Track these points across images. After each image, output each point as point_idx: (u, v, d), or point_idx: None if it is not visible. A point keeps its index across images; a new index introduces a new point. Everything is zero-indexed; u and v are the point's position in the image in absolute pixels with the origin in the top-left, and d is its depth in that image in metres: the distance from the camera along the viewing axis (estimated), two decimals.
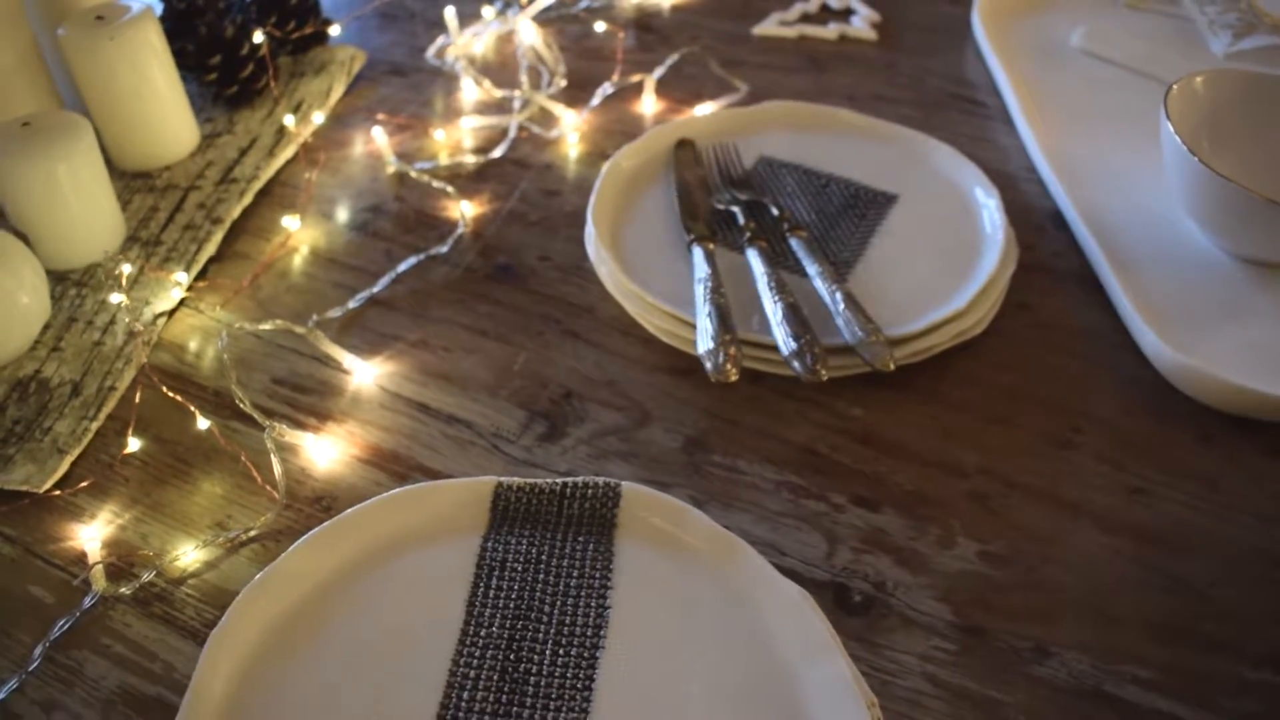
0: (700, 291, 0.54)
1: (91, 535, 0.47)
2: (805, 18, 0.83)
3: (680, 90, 0.76)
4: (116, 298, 0.57)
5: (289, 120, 0.69)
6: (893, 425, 0.53)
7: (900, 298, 0.56)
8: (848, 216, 0.62)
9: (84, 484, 0.50)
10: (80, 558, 0.47)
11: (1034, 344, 0.57)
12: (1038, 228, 0.64)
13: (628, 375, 0.55)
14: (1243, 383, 0.51)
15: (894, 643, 0.44)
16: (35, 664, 0.43)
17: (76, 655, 0.44)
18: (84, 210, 0.59)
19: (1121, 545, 0.48)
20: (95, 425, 0.52)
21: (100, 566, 0.46)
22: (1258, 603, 0.46)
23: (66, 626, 0.44)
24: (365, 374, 0.55)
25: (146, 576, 0.46)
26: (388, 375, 0.55)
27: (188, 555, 0.47)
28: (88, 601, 0.45)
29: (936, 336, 0.54)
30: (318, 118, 0.70)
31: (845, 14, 0.84)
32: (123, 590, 0.46)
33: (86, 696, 0.42)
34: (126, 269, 0.59)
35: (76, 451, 0.51)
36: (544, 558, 0.44)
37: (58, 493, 0.49)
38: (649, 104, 0.73)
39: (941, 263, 0.58)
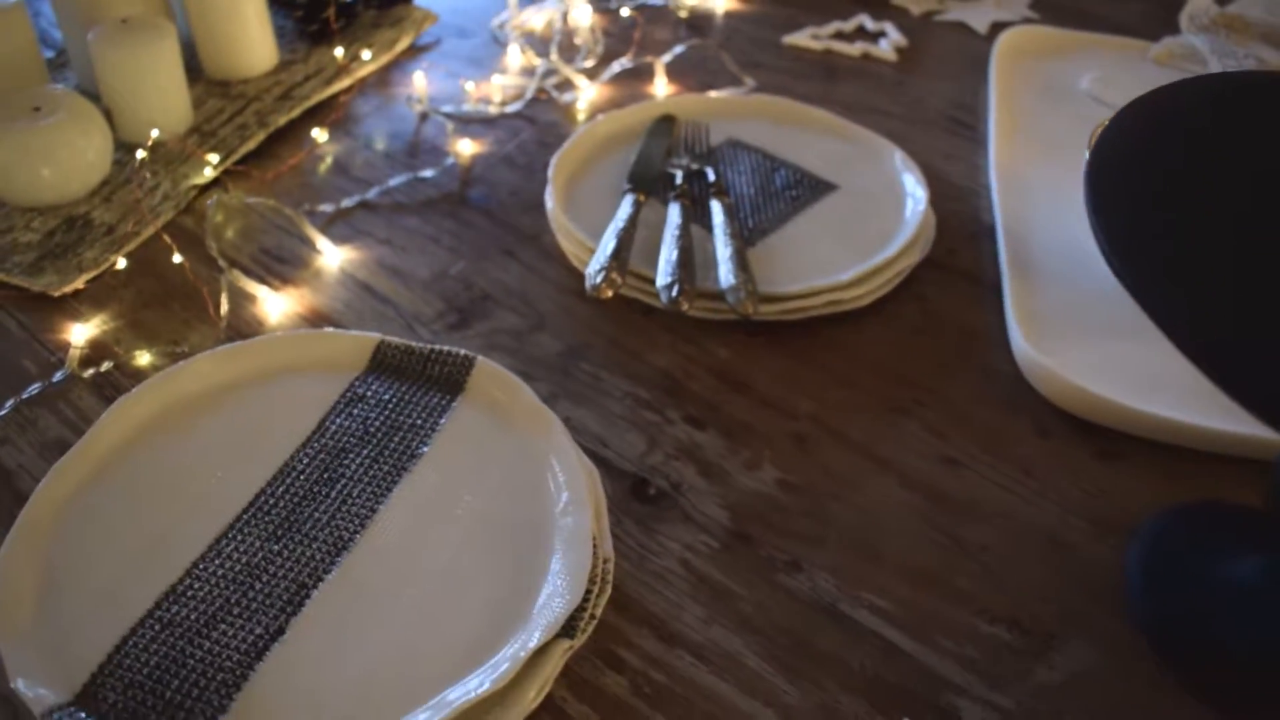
0: (612, 228, 0.61)
1: (80, 332, 0.59)
2: (839, 35, 0.89)
3: (693, 79, 0.84)
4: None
5: (339, 52, 0.81)
6: (749, 368, 0.58)
7: (795, 266, 0.62)
8: (783, 196, 0.68)
9: (86, 292, 0.62)
10: (65, 346, 0.59)
11: (914, 330, 0.61)
12: (969, 237, 0.68)
13: (540, 292, 0.63)
14: (1084, 384, 0.54)
15: (666, 530, 0.50)
16: (4, 412, 0.55)
17: (36, 411, 0.55)
18: (158, 98, 0.72)
19: (914, 501, 0.52)
20: (114, 258, 0.64)
21: (76, 353, 0.58)
22: (1020, 573, 0.49)
23: (36, 390, 0.56)
24: (333, 257, 0.65)
25: (105, 366, 0.57)
26: (350, 260, 0.65)
27: (142, 358, 0.58)
28: (58, 376, 0.57)
29: (811, 301, 0.59)
30: (365, 54, 0.82)
31: (877, 36, 0.89)
32: (86, 373, 0.57)
33: (32, 441, 0.54)
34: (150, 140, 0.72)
35: (92, 274, 0.63)
36: (394, 402, 0.52)
37: (67, 298, 0.62)
38: (660, 86, 0.81)
39: (849, 244, 0.63)
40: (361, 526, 0.47)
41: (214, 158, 0.71)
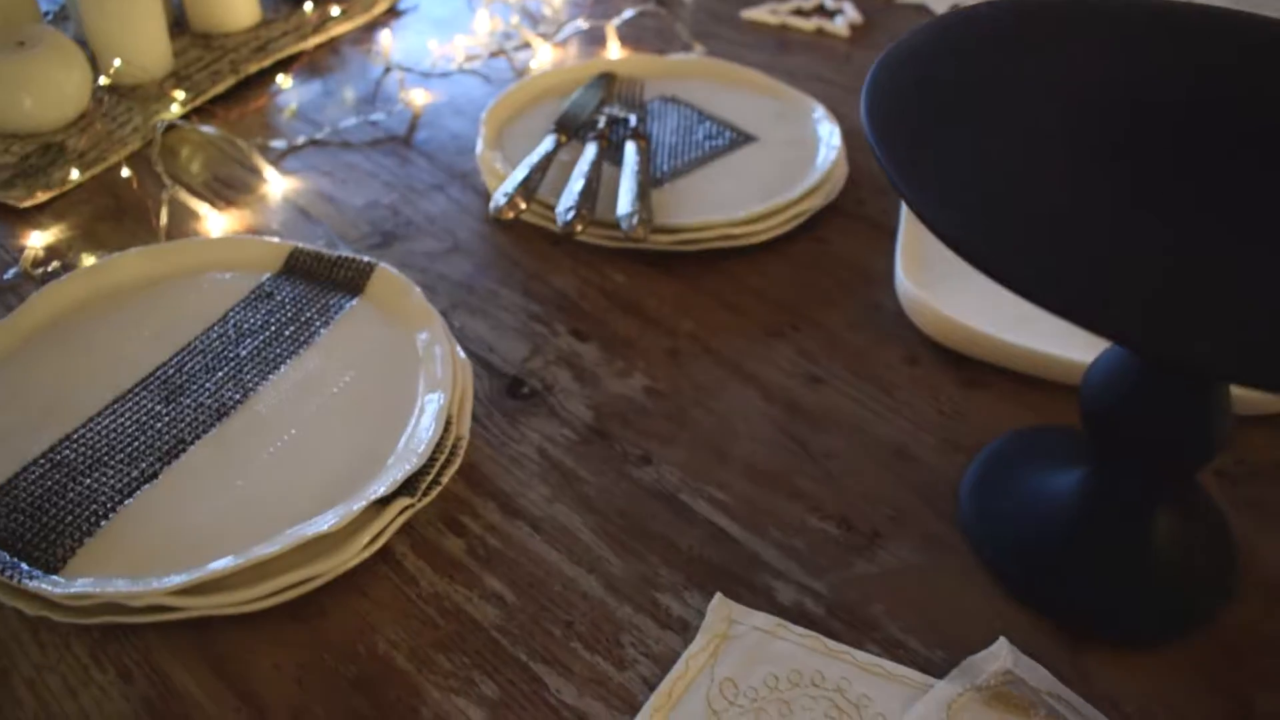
0: (526, 161, 0.65)
1: (37, 239, 0.65)
2: (798, 12, 0.93)
3: (647, 45, 0.88)
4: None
5: (308, 7, 0.87)
6: (641, 292, 0.62)
7: (699, 204, 0.65)
8: (703, 145, 0.71)
9: (50, 208, 0.68)
10: (23, 249, 0.64)
11: (808, 267, 0.64)
12: (881, 190, 0.71)
13: (461, 222, 0.67)
14: (953, 315, 0.57)
15: (530, 423, 0.53)
16: None
17: None
18: (137, 42, 0.78)
19: (772, 412, 0.55)
20: (80, 178, 0.70)
21: (30, 254, 0.63)
22: (861, 479, 0.51)
23: None
24: (278, 185, 0.70)
25: (54, 266, 0.63)
26: (292, 188, 0.70)
27: (88, 261, 0.63)
28: (9, 273, 0.62)
29: (705, 234, 0.62)
30: (335, 11, 0.88)
31: (834, 14, 0.92)
32: (36, 272, 0.63)
33: None
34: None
35: (56, 192, 0.69)
36: (297, 299, 0.57)
37: (31, 211, 0.68)
38: (614, 50, 0.86)
39: (755, 188, 0.67)
40: (244, 397, 0.51)
41: (181, 94, 0.77)
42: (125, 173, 0.69)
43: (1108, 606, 0.46)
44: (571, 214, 0.60)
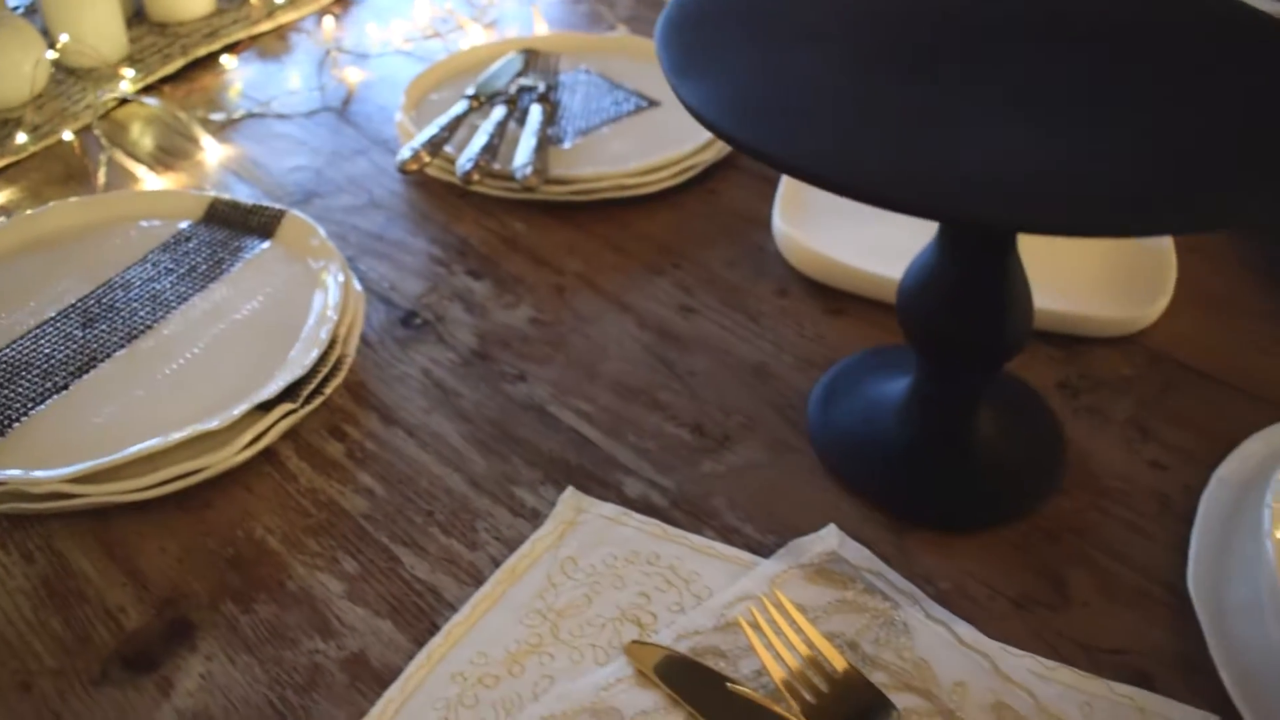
0: (436, 121, 0.70)
1: None
2: None
3: (577, 28, 0.93)
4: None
5: None
6: (537, 238, 0.66)
7: (599, 159, 0.70)
8: (608, 110, 0.76)
9: (4, 177, 0.74)
10: None
11: (696, 215, 0.69)
12: None
13: (379, 180, 0.72)
14: (820, 249, 0.61)
15: (419, 348, 0.58)
16: None
17: None
18: (94, 29, 0.84)
19: (644, 338, 0.59)
20: (33, 147, 0.76)
21: None
22: (719, 392, 0.56)
23: None
24: (214, 153, 0.76)
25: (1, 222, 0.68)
26: (226, 155, 0.76)
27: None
28: None
29: (598, 184, 0.67)
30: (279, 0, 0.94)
31: None
32: None
33: None
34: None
35: (10, 159, 0.74)
36: (213, 243, 0.62)
37: None
38: (543, 29, 0.91)
39: (650, 145, 0.71)
40: (154, 323, 0.56)
41: (130, 72, 0.82)
42: (68, 135, 0.75)
43: (929, 495, 0.50)
44: (470, 165, 0.65)
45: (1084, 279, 0.63)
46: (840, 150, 0.38)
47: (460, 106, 0.72)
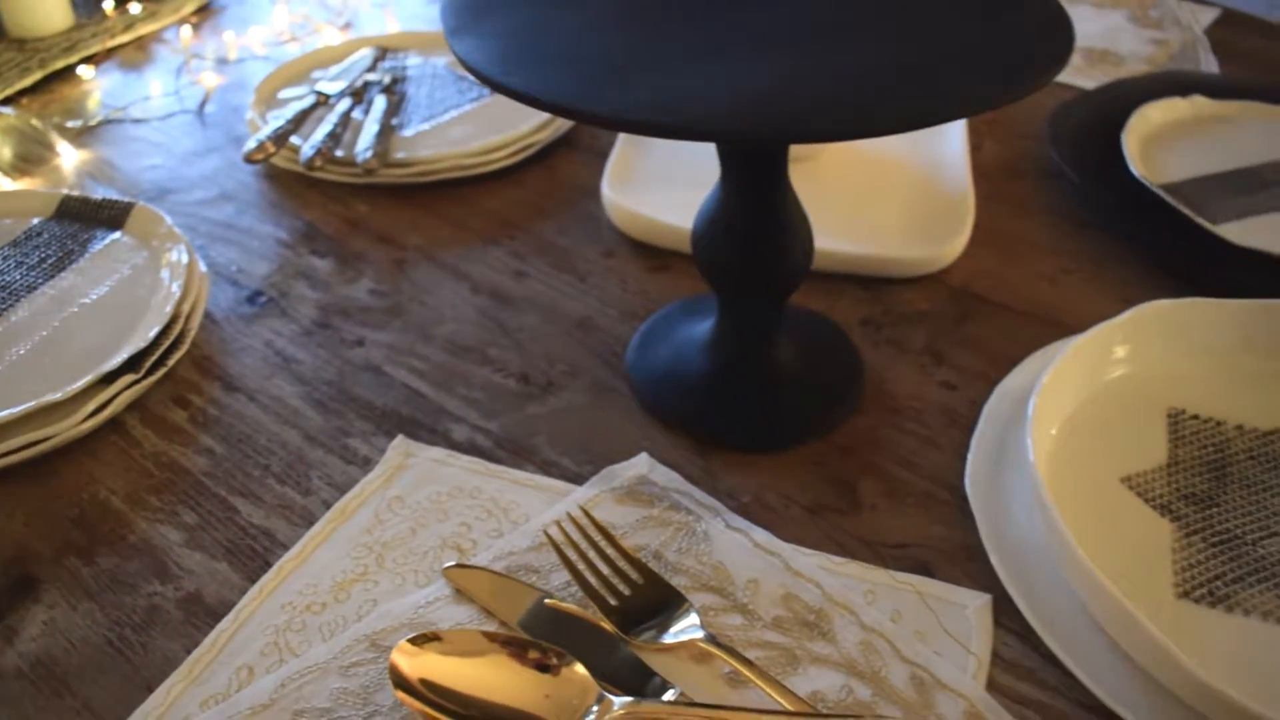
0: (283, 115, 0.74)
1: None
2: None
3: (432, 27, 0.97)
4: None
5: (108, 5, 0.95)
6: (381, 218, 0.70)
7: (442, 143, 0.74)
8: (454, 99, 0.80)
9: None
10: None
11: (534, 191, 0.73)
12: None
13: (231, 175, 0.76)
14: (642, 210, 0.66)
15: (263, 323, 0.61)
16: None
17: None
18: None
19: (478, 301, 0.63)
20: None
21: None
22: (545, 345, 0.60)
23: None
24: (69, 158, 0.78)
25: None
26: (81, 160, 0.78)
27: None
28: None
29: (437, 165, 0.71)
30: (135, 9, 0.96)
31: None
32: None
33: None
34: None
35: None
36: (64, 235, 0.65)
37: None
38: (395, 29, 0.95)
39: (485, 127, 0.76)
40: (2, 310, 0.59)
41: None
42: None
43: (732, 421, 0.55)
44: (313, 152, 0.69)
45: (888, 224, 0.69)
46: (597, 89, 0.42)
47: (306, 102, 0.76)
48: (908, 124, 0.40)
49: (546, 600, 0.45)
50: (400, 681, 0.40)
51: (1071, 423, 0.54)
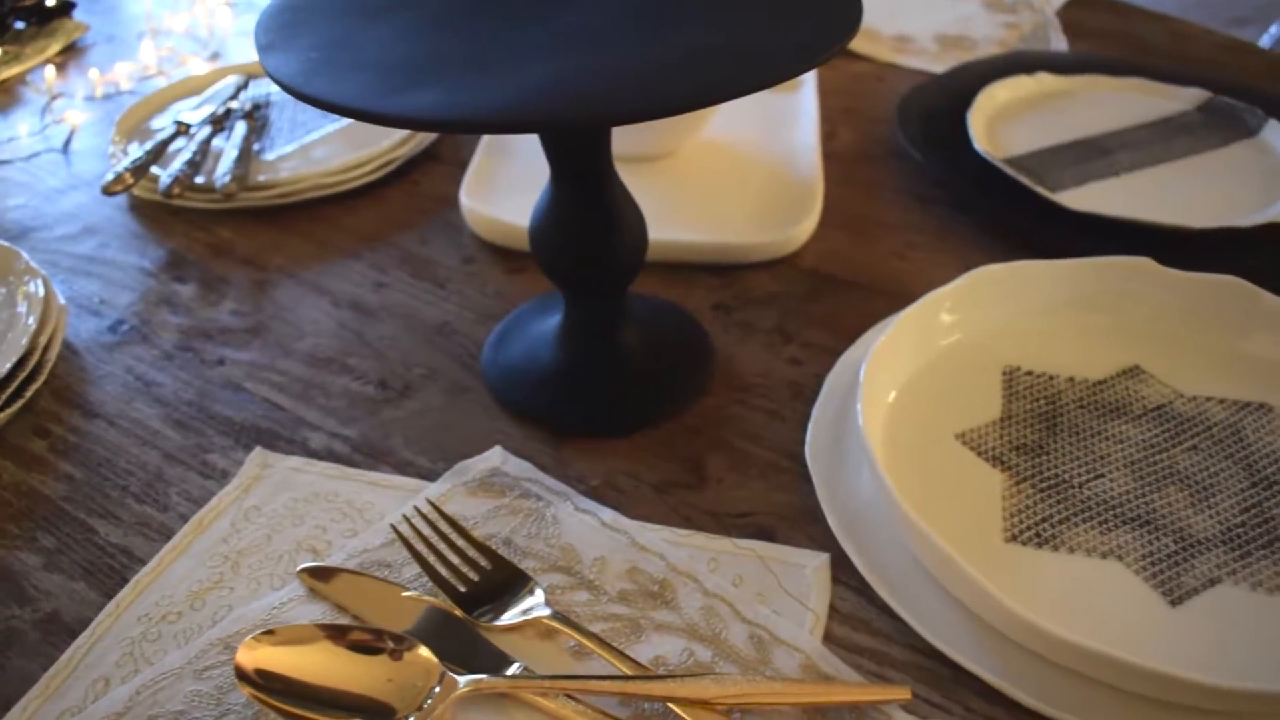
0: (143, 147, 0.75)
1: None
2: None
3: None
4: None
5: None
6: (244, 242, 0.72)
7: (295, 166, 0.75)
8: (315, 124, 0.82)
9: None
10: None
11: (398, 206, 0.75)
12: (475, 139, 0.82)
13: (95, 210, 0.76)
14: (497, 215, 0.68)
15: (124, 350, 0.62)
16: None
17: None
18: None
19: (339, 314, 0.65)
20: None
21: None
22: (403, 351, 0.62)
23: None
24: None
25: None
26: None
27: None
28: None
29: (297, 185, 0.73)
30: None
31: None
32: None
33: None
34: None
35: None
36: None
37: None
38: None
39: (346, 147, 0.77)
40: None
41: None
42: None
43: (581, 409, 0.57)
44: (170, 180, 0.70)
45: (740, 212, 0.72)
46: (391, 92, 0.44)
47: (166, 132, 0.77)
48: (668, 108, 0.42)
49: (403, 594, 0.47)
50: (245, 677, 0.41)
51: (910, 386, 0.57)
